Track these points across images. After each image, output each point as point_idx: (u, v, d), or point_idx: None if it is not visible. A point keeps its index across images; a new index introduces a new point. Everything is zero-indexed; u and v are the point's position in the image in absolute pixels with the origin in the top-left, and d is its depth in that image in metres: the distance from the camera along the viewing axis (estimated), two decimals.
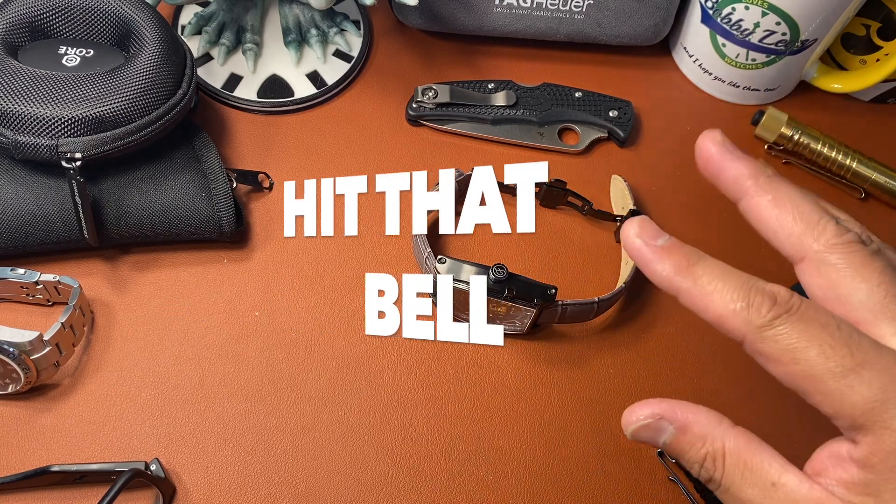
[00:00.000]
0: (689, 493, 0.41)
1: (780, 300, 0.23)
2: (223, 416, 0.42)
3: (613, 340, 0.46)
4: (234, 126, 0.52)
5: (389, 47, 0.56)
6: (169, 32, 0.44)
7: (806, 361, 0.22)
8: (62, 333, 0.40)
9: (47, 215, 0.42)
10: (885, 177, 0.51)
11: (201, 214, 0.44)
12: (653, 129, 0.54)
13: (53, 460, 0.40)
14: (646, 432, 0.26)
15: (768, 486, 0.23)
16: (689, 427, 0.25)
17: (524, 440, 0.43)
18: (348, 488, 0.41)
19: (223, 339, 0.44)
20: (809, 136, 0.52)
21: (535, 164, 0.35)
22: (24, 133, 0.40)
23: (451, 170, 0.39)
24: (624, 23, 0.54)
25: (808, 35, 0.50)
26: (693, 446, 0.25)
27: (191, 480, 0.40)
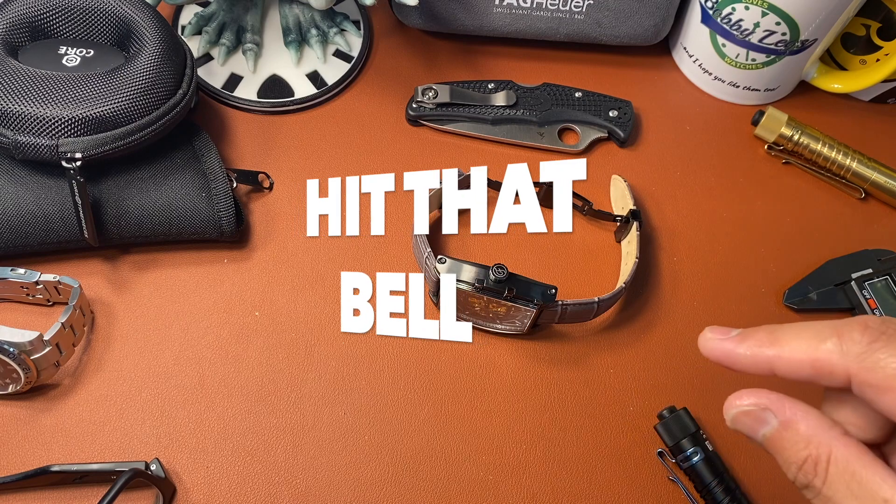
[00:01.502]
0: (689, 493, 0.41)
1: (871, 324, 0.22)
2: (223, 416, 0.42)
3: (613, 340, 0.46)
4: (234, 126, 0.52)
5: (389, 47, 0.56)
6: (169, 32, 0.44)
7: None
8: (62, 333, 0.40)
9: (47, 215, 0.42)
10: (885, 177, 0.51)
11: (201, 214, 0.44)
12: (653, 129, 0.54)
13: (53, 460, 0.40)
14: (746, 419, 0.25)
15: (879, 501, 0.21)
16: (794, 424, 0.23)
17: (524, 440, 0.43)
18: (348, 488, 0.41)
19: (223, 339, 0.44)
20: (809, 136, 0.52)
21: (574, 162, 0.33)
22: (24, 133, 0.40)
23: (454, 169, 0.39)
24: (624, 23, 0.54)
25: (808, 35, 0.50)
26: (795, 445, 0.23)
27: (191, 480, 0.40)
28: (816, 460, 0.22)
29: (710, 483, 0.40)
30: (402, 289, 0.38)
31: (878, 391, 0.21)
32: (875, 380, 0.21)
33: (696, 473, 0.41)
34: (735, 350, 0.24)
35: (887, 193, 0.51)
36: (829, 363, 0.22)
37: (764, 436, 0.24)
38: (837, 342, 0.22)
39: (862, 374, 0.21)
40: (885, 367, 0.21)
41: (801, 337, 0.23)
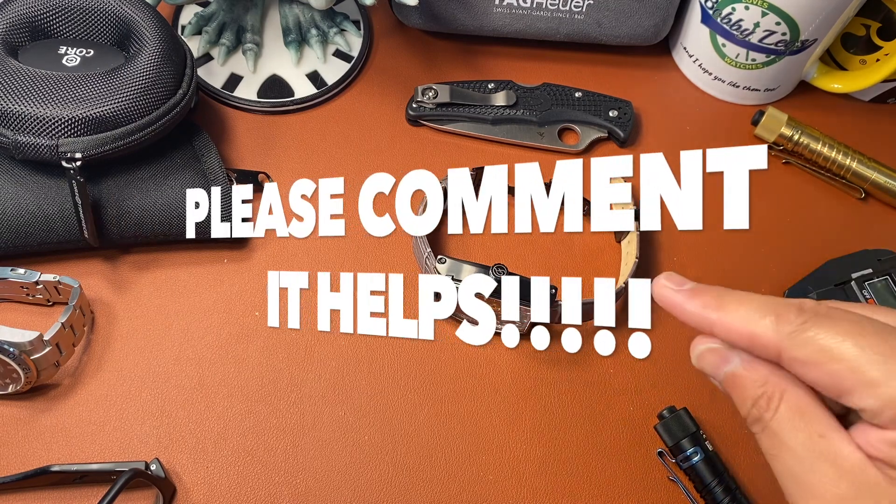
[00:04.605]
0: (689, 493, 0.41)
1: (806, 307, 0.24)
2: (223, 416, 0.42)
3: None
4: (234, 126, 0.52)
5: (389, 47, 0.56)
6: (169, 32, 0.44)
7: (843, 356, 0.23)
8: (62, 333, 0.40)
9: (47, 215, 0.42)
10: (885, 177, 0.51)
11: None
12: (653, 129, 0.54)
13: (53, 460, 0.40)
14: (712, 357, 0.26)
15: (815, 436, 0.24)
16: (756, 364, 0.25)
17: (524, 440, 0.43)
18: (348, 488, 0.41)
19: (223, 339, 0.44)
20: (809, 136, 0.52)
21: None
22: (24, 133, 0.40)
23: (463, 169, 0.38)
24: (624, 23, 0.54)
25: (808, 35, 0.50)
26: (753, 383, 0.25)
27: (191, 480, 0.40)
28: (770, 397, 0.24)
29: (710, 483, 0.40)
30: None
31: (804, 365, 0.23)
32: (802, 355, 0.23)
33: (696, 473, 0.41)
34: (683, 305, 0.27)
35: (887, 193, 0.51)
36: (763, 338, 0.24)
37: (726, 373, 0.26)
38: (774, 321, 0.24)
39: (791, 349, 0.23)
40: (811, 344, 0.23)
41: (742, 308, 0.25)
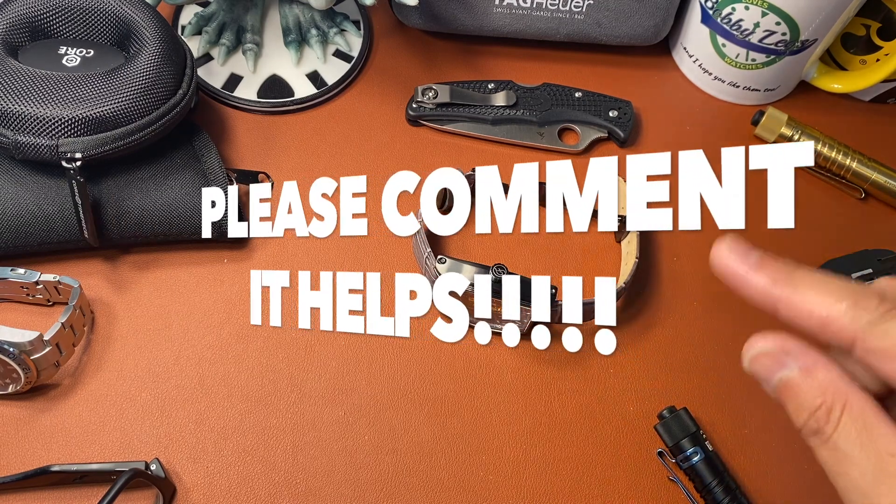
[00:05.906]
0: (689, 493, 0.41)
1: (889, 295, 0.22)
2: (223, 416, 0.42)
3: None
4: (234, 126, 0.52)
5: (389, 47, 0.56)
6: (169, 32, 0.44)
7: None
8: (62, 333, 0.40)
9: (47, 215, 0.42)
10: (884, 177, 0.51)
11: (201, 214, 0.44)
12: (653, 129, 0.54)
13: (53, 460, 0.40)
14: (766, 361, 0.24)
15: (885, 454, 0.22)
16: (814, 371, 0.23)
17: (524, 440, 0.43)
18: (348, 488, 0.41)
19: (223, 339, 0.44)
20: (809, 136, 0.52)
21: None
22: (24, 133, 0.40)
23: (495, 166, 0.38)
24: (624, 23, 0.54)
25: (808, 35, 0.50)
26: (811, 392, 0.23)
27: (191, 480, 0.40)
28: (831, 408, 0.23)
29: (710, 483, 0.40)
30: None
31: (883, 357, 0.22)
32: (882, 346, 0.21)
33: (696, 473, 0.41)
34: (747, 276, 0.24)
35: (887, 193, 0.51)
36: (839, 324, 0.22)
37: (780, 379, 0.24)
38: (851, 306, 0.22)
39: (869, 339, 0.22)
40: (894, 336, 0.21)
41: (817, 289, 0.23)
